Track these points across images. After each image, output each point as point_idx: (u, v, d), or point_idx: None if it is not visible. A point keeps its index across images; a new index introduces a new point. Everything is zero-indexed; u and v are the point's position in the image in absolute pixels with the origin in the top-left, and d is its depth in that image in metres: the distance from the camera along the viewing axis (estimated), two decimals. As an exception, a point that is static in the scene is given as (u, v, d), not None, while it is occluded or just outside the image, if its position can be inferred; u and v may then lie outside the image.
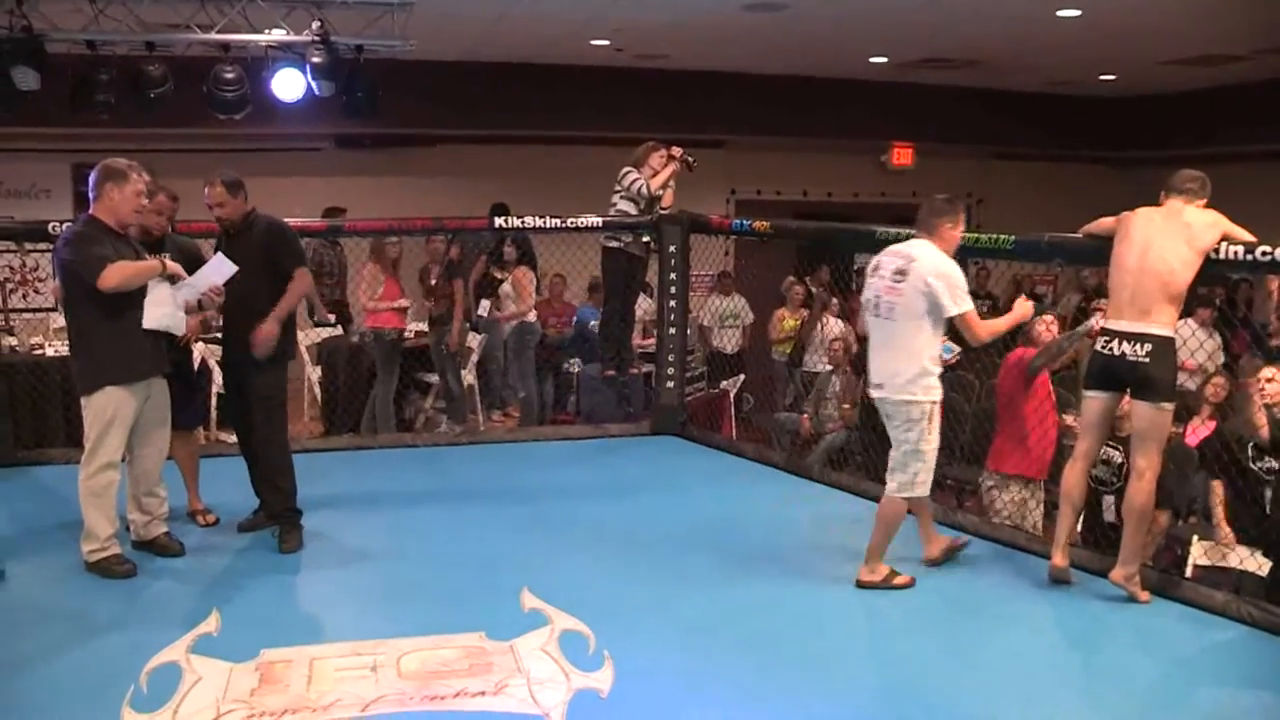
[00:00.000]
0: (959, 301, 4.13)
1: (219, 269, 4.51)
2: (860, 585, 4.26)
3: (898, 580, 4.29)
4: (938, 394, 4.25)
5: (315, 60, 7.27)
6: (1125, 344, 4.02)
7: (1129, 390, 4.15)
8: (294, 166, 10.38)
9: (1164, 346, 4.01)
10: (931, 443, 4.25)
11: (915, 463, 4.25)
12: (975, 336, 4.28)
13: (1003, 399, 5.65)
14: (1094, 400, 4.27)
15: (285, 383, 4.92)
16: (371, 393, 7.55)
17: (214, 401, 7.23)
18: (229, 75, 7.37)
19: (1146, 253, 4.04)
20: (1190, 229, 4.03)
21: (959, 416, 6.60)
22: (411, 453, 6.59)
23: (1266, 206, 10.53)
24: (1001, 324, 4.44)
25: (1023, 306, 4.57)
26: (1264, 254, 3.98)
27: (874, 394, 4.37)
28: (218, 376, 6.57)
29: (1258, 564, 4.71)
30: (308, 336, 8.30)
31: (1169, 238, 4.02)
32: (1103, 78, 10.86)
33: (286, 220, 4.99)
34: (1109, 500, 5.13)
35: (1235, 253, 4.04)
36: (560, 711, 3.19)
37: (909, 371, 4.18)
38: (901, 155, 12.57)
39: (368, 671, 3.42)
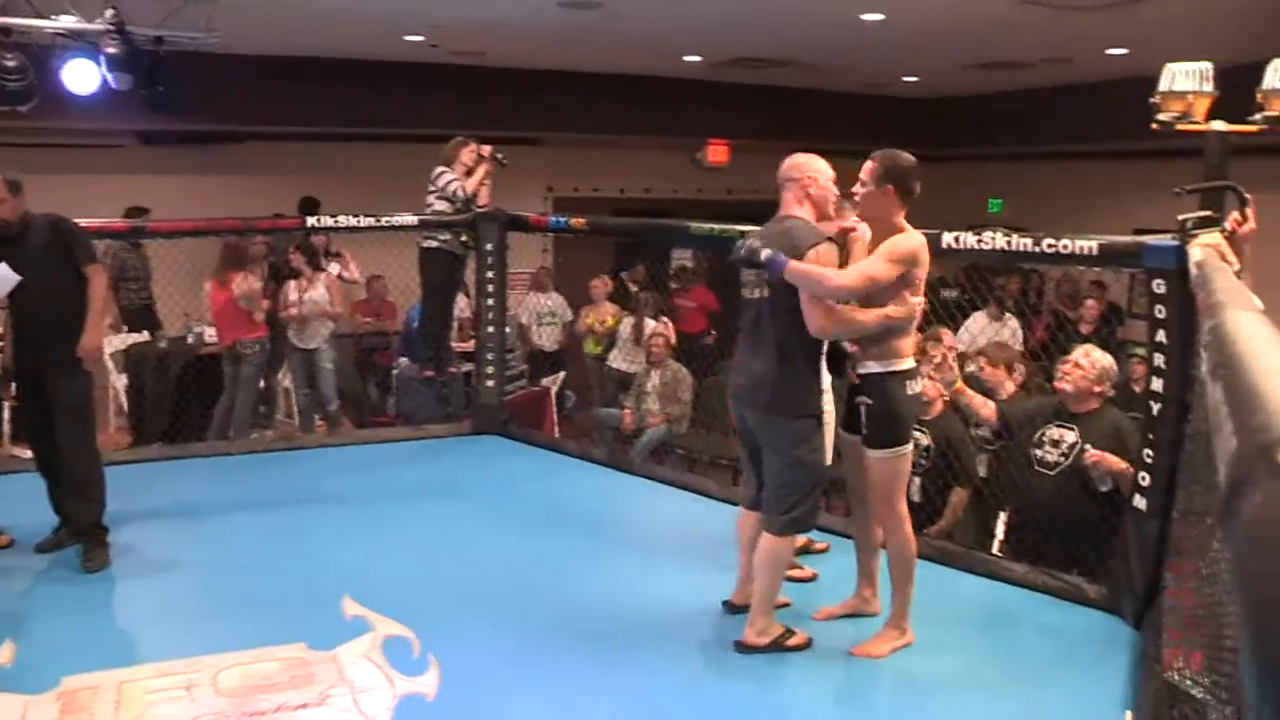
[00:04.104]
0: None
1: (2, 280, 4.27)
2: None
3: (817, 546, 4.66)
4: None
5: (110, 51, 6.88)
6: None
7: None
8: (94, 164, 9.85)
9: None
10: None
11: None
12: None
13: None
14: None
15: (92, 389, 4.69)
16: (221, 402, 7.28)
17: (5, 414, 6.84)
18: (11, 63, 6.86)
19: None
20: None
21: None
22: (226, 461, 6.36)
23: (1064, 202, 11.35)
24: None
25: None
26: (1049, 245, 4.24)
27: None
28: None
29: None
30: (111, 343, 7.91)
31: None
32: (906, 79, 11.35)
33: (79, 221, 4.74)
34: (915, 480, 5.38)
35: (1025, 244, 4.31)
36: (386, 718, 3.17)
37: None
38: (717, 153, 12.84)
39: (182, 692, 3.31)
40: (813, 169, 3.66)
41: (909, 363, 3.67)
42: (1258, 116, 3.79)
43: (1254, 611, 0.52)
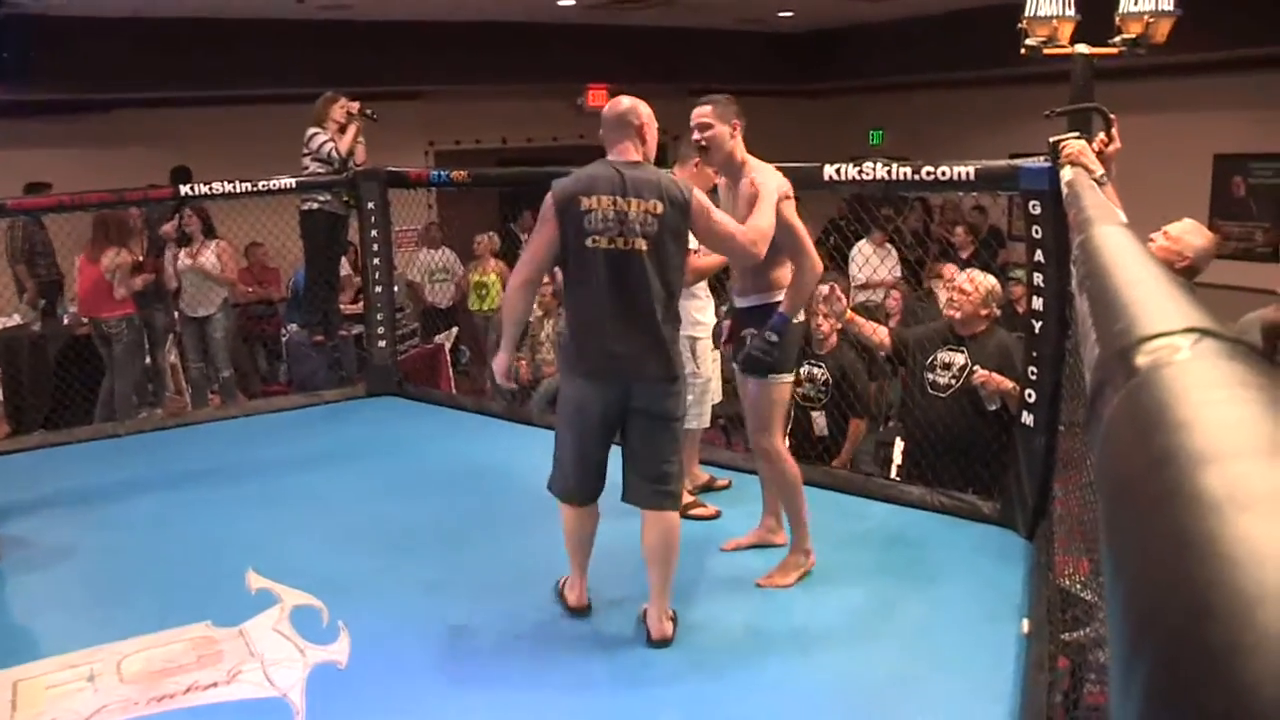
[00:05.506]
0: None
1: None
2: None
3: (719, 483, 4.81)
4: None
5: (-59, 16, 6.51)
6: None
7: None
8: (-63, 140, 9.33)
9: None
10: None
11: None
12: None
13: None
14: None
15: None
16: (104, 385, 6.98)
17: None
18: None
19: None
20: None
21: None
22: (115, 443, 6.14)
23: (944, 131, 11.54)
24: None
25: None
26: (929, 173, 4.32)
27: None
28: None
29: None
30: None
31: None
32: (782, 14, 11.37)
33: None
34: (819, 416, 5.47)
35: (905, 173, 4.38)
36: (299, 689, 3.14)
37: None
38: (597, 97, 12.72)
39: (84, 683, 3.21)
40: (648, 115, 3.46)
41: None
42: (1117, 39, 3.91)
43: (1106, 505, 0.54)
